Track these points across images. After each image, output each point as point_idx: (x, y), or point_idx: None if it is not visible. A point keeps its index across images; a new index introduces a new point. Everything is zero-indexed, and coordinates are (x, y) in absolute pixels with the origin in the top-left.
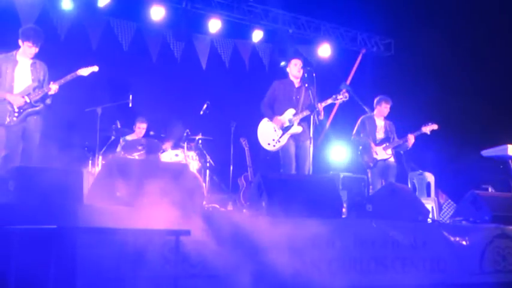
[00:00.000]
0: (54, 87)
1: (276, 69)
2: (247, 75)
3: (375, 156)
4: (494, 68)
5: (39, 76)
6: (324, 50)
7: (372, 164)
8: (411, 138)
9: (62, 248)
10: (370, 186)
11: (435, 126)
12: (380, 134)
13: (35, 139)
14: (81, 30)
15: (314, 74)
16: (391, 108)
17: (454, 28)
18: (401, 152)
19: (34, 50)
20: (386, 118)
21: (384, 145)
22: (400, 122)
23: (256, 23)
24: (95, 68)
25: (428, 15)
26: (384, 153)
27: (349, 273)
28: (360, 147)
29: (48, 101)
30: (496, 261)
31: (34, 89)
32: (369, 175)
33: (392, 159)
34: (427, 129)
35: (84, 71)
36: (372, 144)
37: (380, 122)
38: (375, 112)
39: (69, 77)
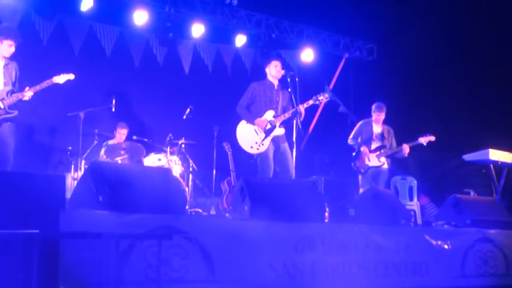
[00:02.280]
0: (28, 94)
1: (259, 73)
2: (230, 79)
3: (367, 162)
4: (477, 72)
5: (11, 78)
6: (307, 55)
7: (363, 170)
8: (406, 148)
9: (44, 253)
10: (361, 189)
11: (432, 138)
12: (376, 141)
13: (11, 144)
14: (64, 35)
15: (297, 79)
16: (386, 114)
17: (436, 33)
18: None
19: (13, 49)
20: (386, 123)
21: (378, 152)
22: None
23: (239, 27)
24: (71, 76)
25: (410, 21)
26: (376, 161)
27: (331, 277)
28: (354, 153)
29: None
30: (477, 265)
31: (7, 94)
32: (360, 180)
33: (385, 166)
34: (423, 140)
35: (60, 79)
36: (366, 151)
37: (377, 129)
38: (373, 118)
39: (44, 84)
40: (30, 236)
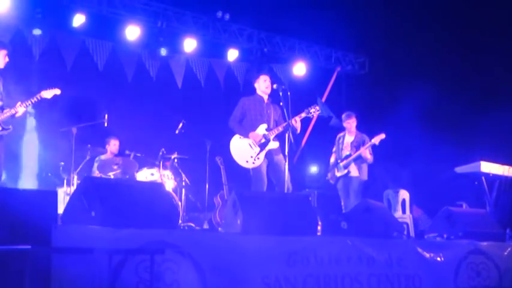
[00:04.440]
0: (21, 110)
1: (251, 88)
2: (222, 94)
3: (335, 173)
4: (468, 85)
5: (1, 93)
6: (299, 69)
7: (332, 182)
8: (363, 152)
9: (36, 268)
10: (342, 201)
11: (383, 136)
12: (345, 151)
13: (1, 160)
14: (56, 50)
15: (289, 93)
16: (357, 121)
17: (428, 46)
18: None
19: (7, 59)
20: (361, 131)
21: (345, 161)
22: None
23: (231, 42)
24: (57, 91)
25: (401, 35)
26: (342, 170)
27: None
28: (330, 166)
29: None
30: (470, 276)
31: (0, 110)
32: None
33: (353, 174)
34: (375, 140)
35: (47, 93)
36: (333, 162)
37: (348, 138)
38: (346, 129)
39: (33, 100)
40: (22, 251)
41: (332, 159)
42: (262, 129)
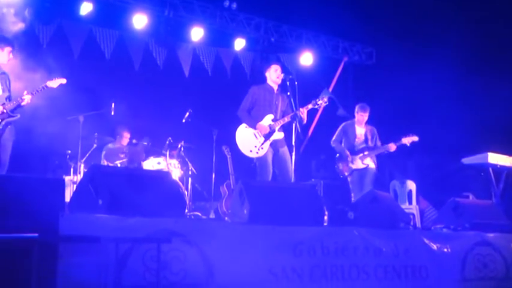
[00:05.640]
0: (27, 98)
1: (258, 77)
2: (229, 83)
3: (350, 165)
4: (476, 75)
5: (7, 86)
6: (306, 58)
7: (347, 173)
8: (392, 147)
9: (43, 256)
10: (352, 194)
11: (415, 138)
12: (359, 142)
13: (9, 148)
14: (63, 39)
15: (296, 83)
16: (370, 115)
17: (434, 37)
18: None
19: (12, 56)
20: (369, 123)
21: (361, 154)
22: (381, 129)
23: (238, 31)
24: (63, 80)
25: (409, 25)
26: (359, 163)
27: (331, 280)
28: (337, 155)
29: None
30: (477, 268)
31: (6, 99)
32: (349, 182)
33: (371, 167)
34: (406, 140)
35: (53, 83)
36: (348, 153)
37: (360, 130)
38: (356, 119)
39: (40, 88)
40: (29, 239)
41: (338, 148)
42: (268, 119)
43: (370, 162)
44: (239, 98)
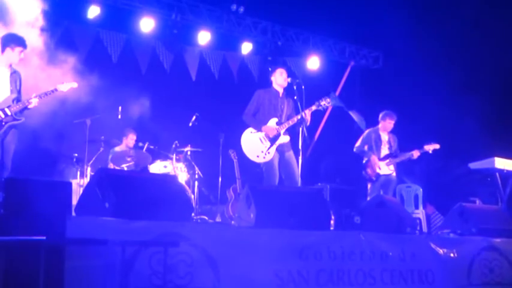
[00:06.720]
0: (34, 101)
1: (265, 81)
2: (236, 87)
3: (377, 170)
4: (483, 80)
5: (17, 86)
6: (313, 62)
7: (374, 178)
8: (416, 154)
9: (50, 259)
10: (369, 198)
11: (437, 146)
12: (385, 149)
13: (11, 151)
14: (71, 42)
15: (303, 87)
16: (395, 123)
17: (441, 42)
18: None
19: (23, 56)
20: (390, 131)
21: (387, 160)
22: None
23: (245, 35)
24: (74, 84)
25: (415, 29)
26: (386, 169)
27: (337, 285)
28: (365, 160)
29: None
30: (483, 273)
31: (13, 101)
32: (368, 188)
33: (394, 174)
34: (429, 147)
35: (63, 87)
36: (376, 159)
37: (385, 137)
38: (380, 126)
39: (49, 92)
40: (37, 242)
41: (366, 154)
42: (272, 123)
43: (394, 170)
44: (246, 102)
